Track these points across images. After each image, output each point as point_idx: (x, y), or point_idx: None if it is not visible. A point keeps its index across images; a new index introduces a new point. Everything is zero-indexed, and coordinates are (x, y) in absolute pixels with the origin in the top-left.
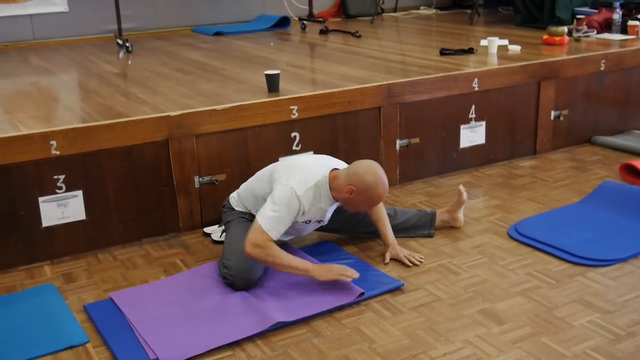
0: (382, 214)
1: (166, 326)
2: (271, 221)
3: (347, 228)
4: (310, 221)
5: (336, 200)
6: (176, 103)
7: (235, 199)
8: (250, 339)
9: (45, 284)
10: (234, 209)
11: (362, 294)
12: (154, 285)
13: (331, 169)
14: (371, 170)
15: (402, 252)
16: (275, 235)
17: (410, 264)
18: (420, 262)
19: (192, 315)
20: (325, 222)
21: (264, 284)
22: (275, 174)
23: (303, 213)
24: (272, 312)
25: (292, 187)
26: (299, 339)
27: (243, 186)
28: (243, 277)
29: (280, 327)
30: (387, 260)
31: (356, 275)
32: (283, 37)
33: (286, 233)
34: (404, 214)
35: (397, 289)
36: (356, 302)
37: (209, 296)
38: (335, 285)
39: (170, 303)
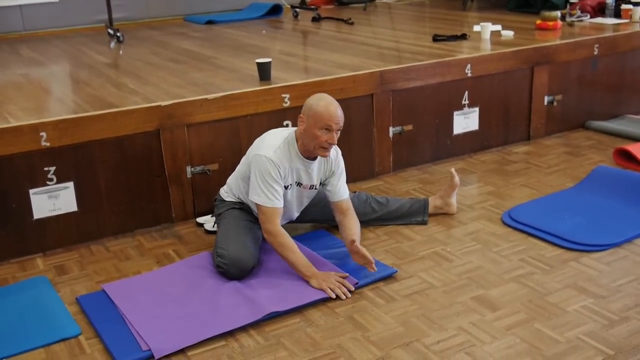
0: (349, 218)
1: (158, 317)
2: (264, 194)
3: None
4: (290, 185)
5: (303, 151)
6: (167, 93)
7: (224, 190)
8: (244, 328)
9: (38, 277)
10: (224, 200)
11: (356, 283)
12: (147, 277)
13: (292, 128)
14: (313, 96)
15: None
16: (278, 203)
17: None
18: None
19: (184, 306)
20: (308, 188)
21: (257, 274)
22: (249, 153)
23: (282, 174)
24: (265, 302)
25: (262, 154)
26: (293, 328)
27: (230, 177)
28: (237, 265)
29: (273, 316)
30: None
31: (348, 295)
32: (275, 25)
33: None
34: (396, 202)
35: (390, 277)
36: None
37: (202, 287)
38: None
39: (163, 294)
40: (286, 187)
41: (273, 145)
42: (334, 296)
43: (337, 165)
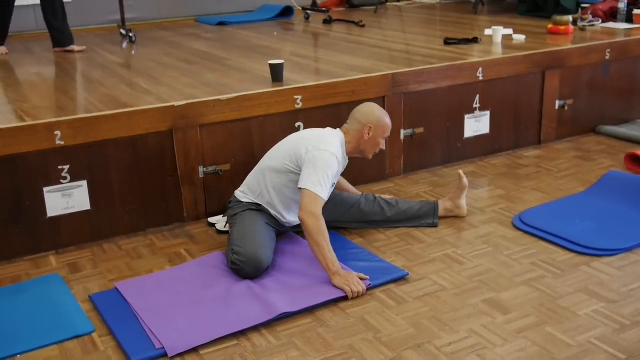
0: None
1: (172, 316)
2: (319, 183)
3: (350, 218)
4: (333, 184)
5: (351, 153)
6: (180, 93)
7: (241, 191)
8: (256, 328)
9: (51, 274)
10: (241, 201)
11: (368, 285)
12: (159, 275)
13: (338, 130)
14: (373, 106)
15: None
16: (326, 196)
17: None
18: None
19: (197, 305)
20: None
21: (270, 274)
22: (300, 148)
23: (337, 175)
24: (278, 302)
25: (328, 150)
26: (304, 329)
27: (249, 175)
28: (253, 263)
29: (285, 316)
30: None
31: (361, 291)
32: (287, 27)
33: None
34: (405, 203)
35: (401, 279)
36: None
37: (215, 286)
38: None
39: (176, 293)
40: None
41: (335, 145)
42: (351, 297)
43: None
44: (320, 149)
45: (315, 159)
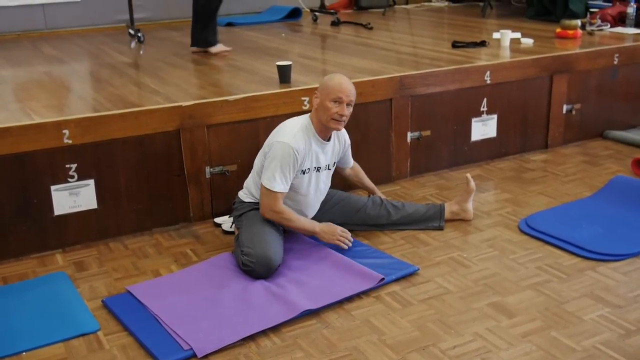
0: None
1: (193, 317)
2: (272, 177)
3: (357, 221)
4: (307, 170)
5: (321, 131)
6: (188, 93)
7: (243, 192)
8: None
9: (57, 272)
10: (244, 201)
11: (382, 279)
12: (171, 278)
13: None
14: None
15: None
16: (282, 188)
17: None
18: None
19: (216, 306)
20: (325, 169)
21: (282, 272)
22: (266, 143)
23: (299, 160)
24: (298, 300)
25: (279, 140)
26: (309, 330)
27: (247, 180)
28: (264, 263)
29: (307, 314)
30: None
31: (349, 244)
32: (295, 29)
33: (294, 201)
34: (412, 207)
35: (407, 281)
36: (370, 290)
37: (230, 287)
38: (355, 272)
39: (192, 294)
40: (304, 172)
41: (292, 131)
42: (345, 248)
43: (346, 142)
44: (272, 143)
45: (270, 153)
